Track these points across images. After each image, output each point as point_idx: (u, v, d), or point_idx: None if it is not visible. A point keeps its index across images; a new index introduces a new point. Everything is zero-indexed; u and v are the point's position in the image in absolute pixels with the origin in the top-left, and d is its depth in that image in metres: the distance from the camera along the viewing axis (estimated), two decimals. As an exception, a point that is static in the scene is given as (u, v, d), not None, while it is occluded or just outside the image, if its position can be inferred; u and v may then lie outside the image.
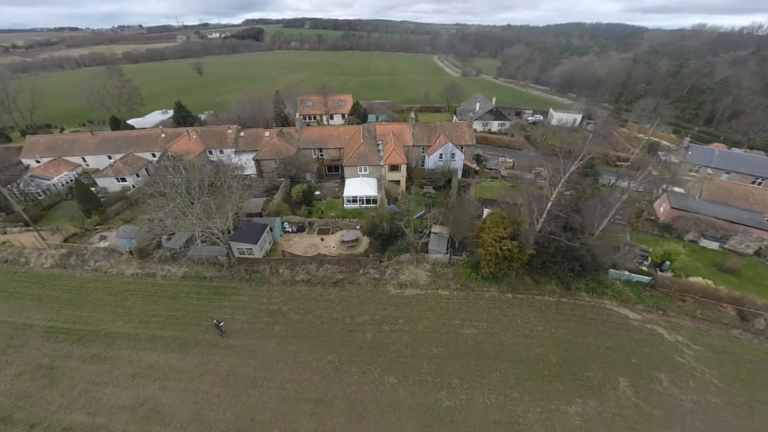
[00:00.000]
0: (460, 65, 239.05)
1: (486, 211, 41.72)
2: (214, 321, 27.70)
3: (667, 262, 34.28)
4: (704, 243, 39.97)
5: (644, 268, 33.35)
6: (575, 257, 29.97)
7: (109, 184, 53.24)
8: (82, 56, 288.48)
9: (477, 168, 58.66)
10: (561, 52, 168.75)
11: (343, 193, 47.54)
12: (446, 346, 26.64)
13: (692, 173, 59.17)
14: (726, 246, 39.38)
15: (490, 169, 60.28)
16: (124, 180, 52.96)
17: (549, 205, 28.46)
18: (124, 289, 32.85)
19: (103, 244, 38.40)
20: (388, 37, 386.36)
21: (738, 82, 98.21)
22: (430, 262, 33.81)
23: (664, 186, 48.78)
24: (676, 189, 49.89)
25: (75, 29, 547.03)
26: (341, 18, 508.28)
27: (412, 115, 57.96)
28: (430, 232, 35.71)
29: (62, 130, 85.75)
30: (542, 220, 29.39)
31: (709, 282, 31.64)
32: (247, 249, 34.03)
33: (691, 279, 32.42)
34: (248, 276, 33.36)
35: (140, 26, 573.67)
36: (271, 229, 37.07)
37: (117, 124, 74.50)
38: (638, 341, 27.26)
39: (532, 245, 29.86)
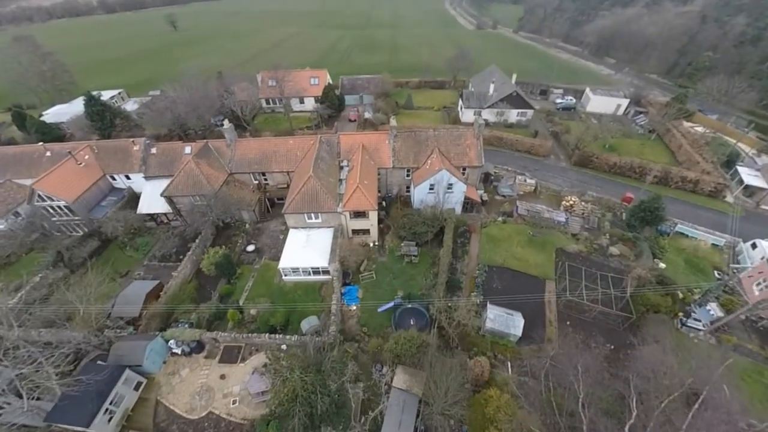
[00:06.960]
0: (475, 14, 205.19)
1: (491, 313, 26.61)
2: None
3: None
4: None
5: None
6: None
7: (-27, 227, 38.92)
8: (53, 6, 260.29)
9: (485, 199, 41.99)
10: (599, 2, 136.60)
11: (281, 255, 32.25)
12: None
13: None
14: None
15: (504, 196, 43.45)
16: (-9, 223, 38.49)
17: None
18: None
19: None
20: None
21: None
22: (384, 454, 19.71)
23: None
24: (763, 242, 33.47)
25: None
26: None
27: (393, 122, 40.20)
28: (389, 385, 21.12)
29: (-24, 119, 69.74)
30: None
31: None
32: (76, 427, 20.21)
33: None
34: (77, 474, 20.01)
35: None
36: (138, 367, 22.82)
37: (22, 120, 57.29)
38: None
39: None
